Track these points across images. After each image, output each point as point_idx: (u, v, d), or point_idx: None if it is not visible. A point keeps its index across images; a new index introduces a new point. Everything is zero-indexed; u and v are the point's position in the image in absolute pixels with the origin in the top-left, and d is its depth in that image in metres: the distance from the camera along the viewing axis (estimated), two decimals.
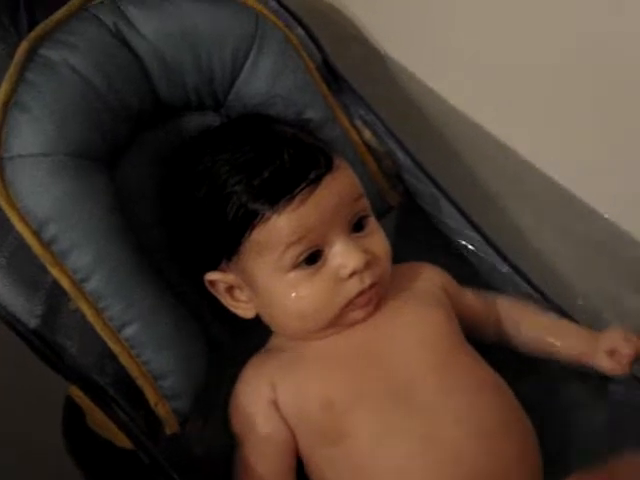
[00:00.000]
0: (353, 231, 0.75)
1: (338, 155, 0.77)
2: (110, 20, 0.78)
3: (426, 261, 0.88)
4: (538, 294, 0.90)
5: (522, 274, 0.90)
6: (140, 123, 0.81)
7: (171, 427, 0.74)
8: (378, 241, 0.77)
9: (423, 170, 0.92)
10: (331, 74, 0.91)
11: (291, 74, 0.85)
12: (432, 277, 0.84)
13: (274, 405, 0.76)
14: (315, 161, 0.73)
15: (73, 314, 0.72)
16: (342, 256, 0.73)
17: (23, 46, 0.74)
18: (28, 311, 0.71)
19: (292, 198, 0.71)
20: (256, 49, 0.84)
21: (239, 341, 0.83)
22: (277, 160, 0.72)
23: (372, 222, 0.78)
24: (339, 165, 0.75)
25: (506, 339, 0.87)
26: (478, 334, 0.86)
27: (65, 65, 0.74)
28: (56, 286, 0.72)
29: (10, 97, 0.73)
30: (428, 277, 0.84)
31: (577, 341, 0.85)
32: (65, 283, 0.71)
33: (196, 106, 0.85)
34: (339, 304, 0.74)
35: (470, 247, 0.92)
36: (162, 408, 0.74)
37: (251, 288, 0.76)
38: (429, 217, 0.94)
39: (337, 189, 0.74)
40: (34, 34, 0.75)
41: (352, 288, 0.74)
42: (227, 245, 0.74)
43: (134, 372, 0.73)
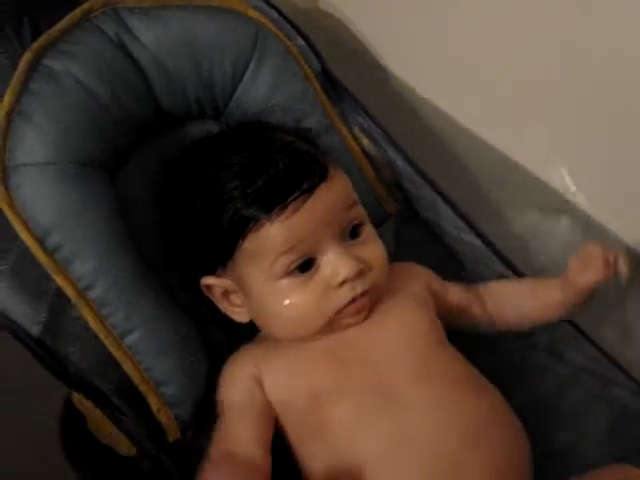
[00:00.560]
0: (347, 239, 0.76)
1: (334, 163, 0.77)
2: (112, 30, 0.79)
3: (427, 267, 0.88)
4: None
5: None
6: (142, 132, 0.82)
7: (173, 434, 0.75)
8: (373, 249, 0.78)
9: (423, 176, 0.92)
10: (330, 83, 0.91)
11: (290, 83, 0.86)
12: (417, 277, 0.85)
13: (257, 382, 0.76)
14: (310, 170, 0.74)
15: (76, 321, 0.73)
16: (334, 264, 0.74)
17: (26, 56, 0.75)
18: (31, 318, 0.72)
19: (285, 207, 0.72)
20: (256, 59, 0.85)
21: (236, 346, 0.83)
22: (272, 168, 0.73)
23: (367, 230, 0.79)
24: (334, 174, 0.76)
25: (498, 322, 0.88)
26: (468, 325, 0.87)
27: (68, 75, 0.75)
28: (59, 293, 0.73)
29: (14, 107, 0.74)
30: (413, 277, 0.85)
31: (555, 289, 0.85)
32: (69, 291, 0.72)
33: (197, 115, 0.86)
34: (330, 312, 0.75)
35: (471, 253, 0.92)
36: (164, 415, 0.74)
37: (245, 294, 0.77)
38: (428, 224, 0.94)
39: (331, 198, 0.74)
40: (37, 44, 0.76)
41: (343, 296, 0.74)
42: (222, 251, 0.75)
43: (137, 379, 0.74)
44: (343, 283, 0.74)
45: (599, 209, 0.93)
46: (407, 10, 1.00)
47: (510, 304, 0.87)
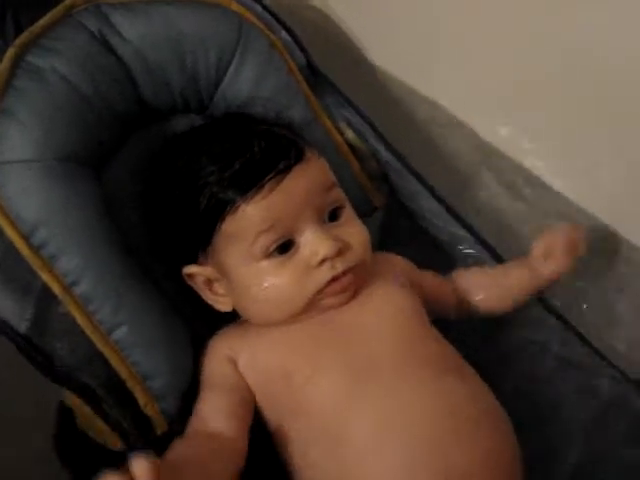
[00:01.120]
0: (327, 221, 0.77)
1: (312, 148, 0.78)
2: (95, 26, 0.79)
3: (412, 261, 0.89)
4: None
5: None
6: (127, 127, 0.82)
7: (160, 427, 0.75)
8: (353, 230, 0.78)
9: (408, 168, 0.92)
10: (314, 76, 0.91)
11: (274, 76, 0.87)
12: (396, 264, 0.86)
13: (232, 363, 0.77)
14: (285, 152, 0.74)
15: (63, 317, 0.73)
16: (313, 244, 0.74)
17: (10, 53, 0.75)
18: (18, 315, 0.72)
19: (261, 187, 0.72)
20: (240, 53, 0.85)
21: None
22: (248, 152, 0.74)
23: (347, 212, 0.79)
24: (310, 156, 0.76)
25: (474, 309, 0.89)
26: (445, 312, 0.88)
27: (52, 71, 0.75)
28: (46, 290, 0.73)
29: None
30: (392, 264, 0.85)
31: (521, 272, 0.86)
32: (55, 287, 0.73)
33: (181, 109, 0.86)
34: (310, 292, 0.75)
35: (458, 245, 0.93)
36: (151, 409, 0.75)
37: (226, 280, 0.77)
38: (414, 216, 0.95)
39: (307, 179, 0.75)
40: (20, 41, 0.76)
41: (323, 275, 0.75)
42: (201, 236, 0.76)
43: (124, 374, 0.74)
44: (323, 262, 0.74)
45: (587, 201, 0.94)
46: (392, 1, 1.00)
47: (481, 289, 0.88)
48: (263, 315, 0.78)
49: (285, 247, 0.75)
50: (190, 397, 0.77)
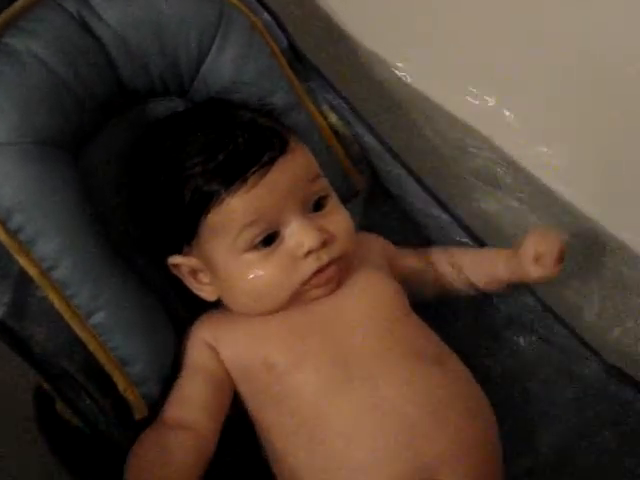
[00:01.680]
0: (311, 211, 0.76)
1: (295, 137, 0.78)
2: (73, 7, 0.78)
3: (395, 244, 0.89)
4: None
5: None
6: (106, 110, 0.81)
7: (140, 412, 0.75)
8: (338, 219, 0.78)
9: (390, 152, 0.92)
10: (297, 59, 0.91)
11: (256, 59, 0.86)
12: (373, 245, 0.86)
13: (212, 349, 0.78)
14: (269, 144, 0.74)
15: (42, 301, 0.73)
16: (297, 235, 0.74)
17: None
18: None
19: (245, 180, 0.72)
20: (221, 35, 0.84)
21: None
22: (232, 144, 0.73)
23: (332, 202, 0.79)
24: (294, 147, 0.76)
25: (451, 288, 0.89)
26: (424, 291, 0.88)
27: (28, 53, 0.74)
28: (23, 274, 0.72)
29: None
30: (371, 246, 0.85)
31: (506, 263, 0.86)
32: (32, 271, 0.72)
33: (161, 92, 0.85)
34: (295, 283, 0.75)
35: (440, 228, 0.93)
36: (131, 394, 0.74)
37: (211, 271, 0.77)
38: (396, 200, 0.95)
39: (291, 171, 0.75)
40: None
41: (309, 267, 0.75)
42: (186, 228, 0.75)
43: (102, 359, 0.74)
44: (308, 254, 0.74)
45: (571, 188, 0.94)
46: None
47: (470, 273, 0.88)
48: (247, 306, 0.78)
49: (270, 239, 0.74)
50: (171, 382, 0.77)
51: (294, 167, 0.75)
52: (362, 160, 0.93)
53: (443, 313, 0.89)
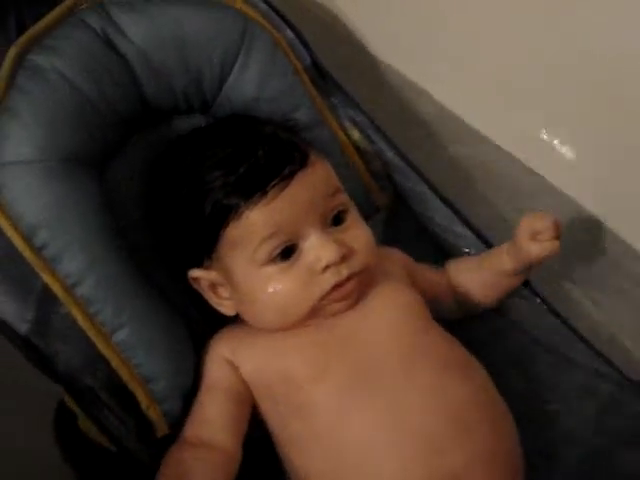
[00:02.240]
0: (331, 225, 0.76)
1: (316, 152, 0.78)
2: (98, 25, 0.79)
3: (415, 260, 0.88)
4: (531, 293, 0.90)
5: None
6: (129, 127, 0.82)
7: (162, 429, 0.75)
8: (357, 234, 0.78)
9: (412, 168, 0.92)
10: (320, 75, 0.91)
11: (279, 77, 0.86)
12: (395, 259, 0.86)
13: (231, 365, 0.77)
14: (289, 157, 0.74)
15: (65, 318, 0.73)
16: (316, 249, 0.74)
17: (12, 51, 0.75)
18: (19, 316, 0.72)
19: (265, 193, 0.72)
20: (244, 52, 0.84)
21: None
22: (252, 157, 0.73)
23: (352, 216, 0.78)
24: (314, 161, 0.76)
25: (470, 302, 0.89)
26: (444, 308, 0.88)
27: (54, 71, 0.75)
28: (47, 291, 0.72)
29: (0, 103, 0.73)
30: (392, 260, 0.85)
31: (508, 252, 0.86)
32: (56, 288, 0.72)
33: (185, 109, 0.85)
34: (314, 298, 0.75)
35: (461, 245, 0.92)
36: (153, 411, 0.74)
37: (230, 285, 0.77)
38: (418, 217, 0.94)
39: (311, 184, 0.74)
40: (23, 39, 0.76)
41: (327, 282, 0.74)
42: (206, 242, 0.75)
43: (125, 376, 0.74)
44: (327, 268, 0.74)
45: (588, 195, 0.94)
46: None
47: (469, 274, 0.89)
48: (266, 320, 0.77)
49: (288, 252, 0.74)
50: (191, 399, 0.77)
51: (314, 181, 0.75)
52: (384, 176, 0.93)
53: (461, 330, 0.88)
